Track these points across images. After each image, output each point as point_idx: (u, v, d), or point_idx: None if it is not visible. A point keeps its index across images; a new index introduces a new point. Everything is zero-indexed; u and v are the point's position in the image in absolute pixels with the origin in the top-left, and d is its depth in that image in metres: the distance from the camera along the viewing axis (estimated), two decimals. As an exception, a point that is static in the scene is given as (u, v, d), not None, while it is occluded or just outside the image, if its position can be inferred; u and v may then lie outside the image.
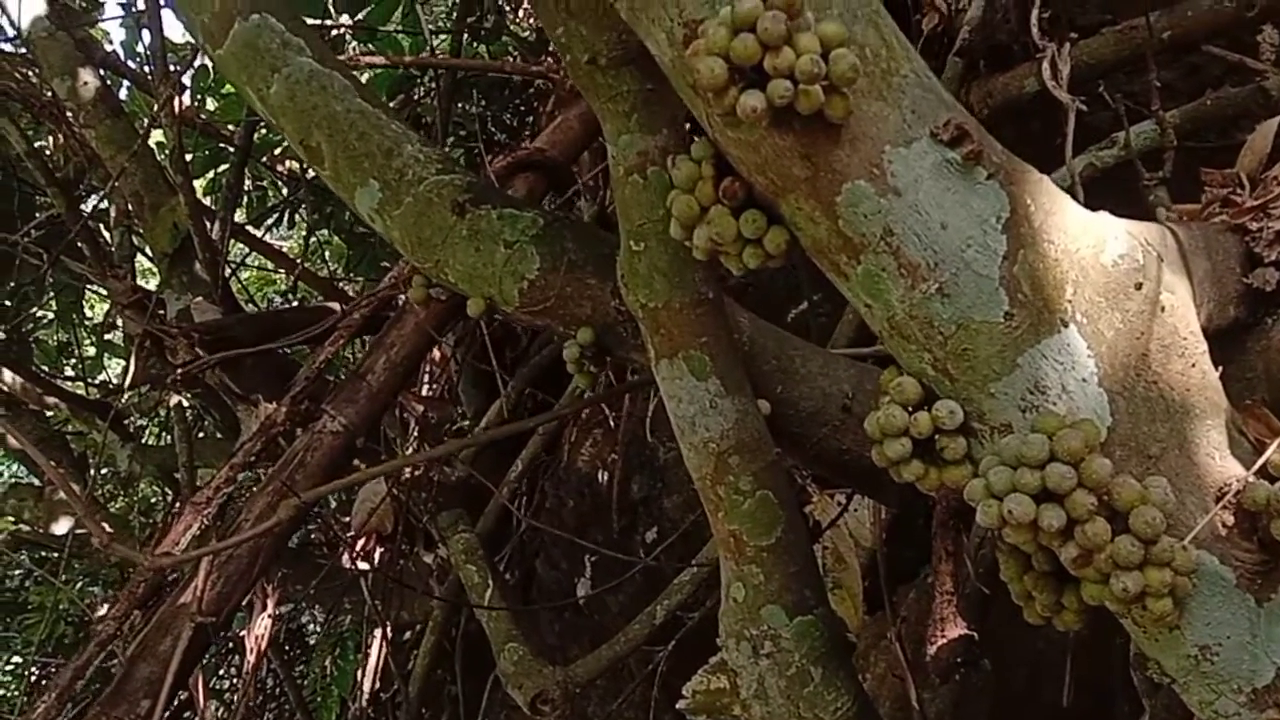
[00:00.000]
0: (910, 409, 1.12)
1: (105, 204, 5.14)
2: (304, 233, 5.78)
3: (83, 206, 5.30)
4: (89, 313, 6.35)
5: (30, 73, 4.63)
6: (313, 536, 4.01)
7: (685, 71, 1.09)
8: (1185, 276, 1.23)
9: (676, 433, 1.46)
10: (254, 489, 2.39)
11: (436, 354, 3.73)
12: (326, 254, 6.25)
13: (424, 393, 3.49)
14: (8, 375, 4.02)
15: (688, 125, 1.36)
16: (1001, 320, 1.09)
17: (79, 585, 4.94)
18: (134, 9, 5.65)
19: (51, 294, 5.49)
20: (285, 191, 5.66)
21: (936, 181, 1.09)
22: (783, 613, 1.41)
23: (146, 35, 5.64)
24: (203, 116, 5.29)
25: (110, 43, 6.17)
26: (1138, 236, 1.20)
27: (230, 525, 2.17)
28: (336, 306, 3.68)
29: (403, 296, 2.67)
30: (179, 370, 3.26)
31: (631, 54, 1.34)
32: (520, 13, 5.86)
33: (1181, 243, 1.28)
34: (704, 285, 1.42)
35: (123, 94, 5.77)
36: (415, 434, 3.19)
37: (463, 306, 1.58)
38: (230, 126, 5.05)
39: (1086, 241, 1.15)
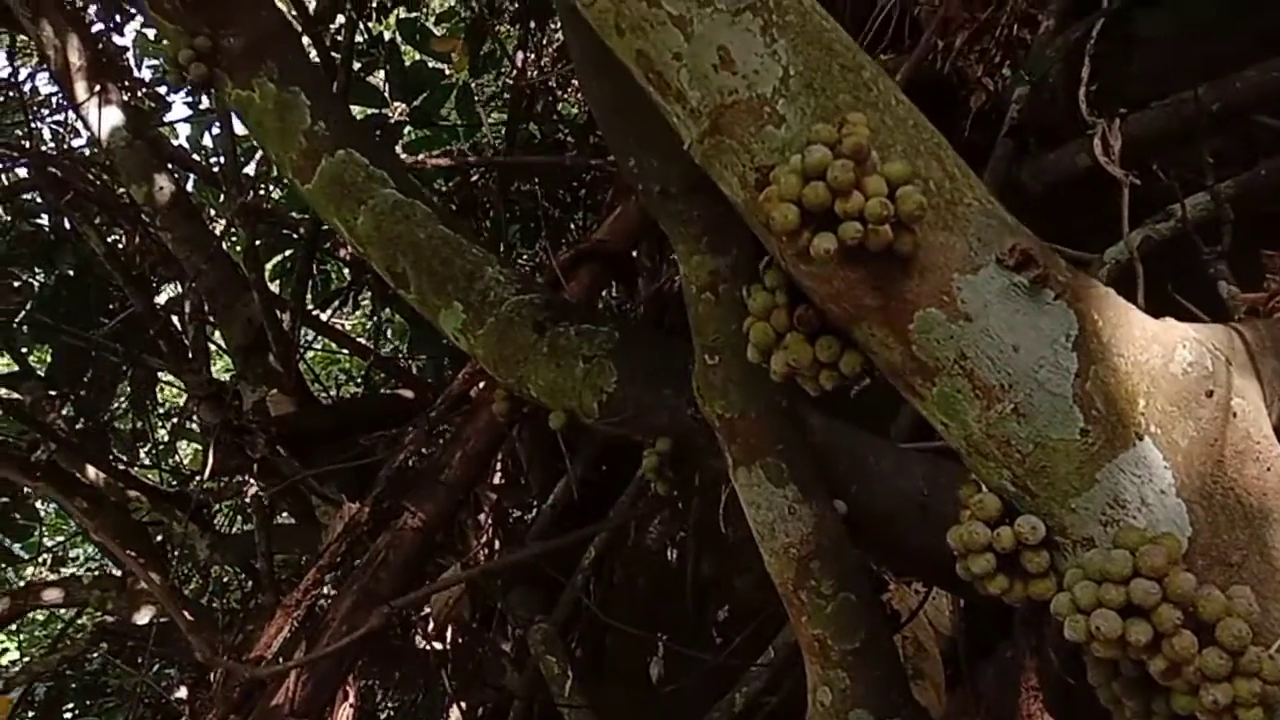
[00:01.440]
0: (992, 524, 1.15)
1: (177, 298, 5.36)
2: (368, 313, 5.95)
3: (157, 299, 5.53)
4: (160, 396, 6.56)
5: (105, 176, 4.89)
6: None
7: (758, 211, 1.16)
8: (1255, 378, 1.26)
9: (756, 538, 1.50)
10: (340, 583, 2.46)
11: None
12: (389, 332, 6.41)
13: (495, 477, 3.56)
14: (91, 471, 4.16)
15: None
16: (1078, 437, 1.12)
17: (155, 667, 5.06)
18: (200, 107, 5.93)
19: (126, 383, 5.69)
20: (348, 274, 5.83)
21: (1005, 305, 1.14)
22: (870, 717, 1.43)
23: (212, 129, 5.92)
24: (268, 205, 5.48)
25: (176, 137, 6.46)
26: (1205, 342, 1.23)
27: (319, 624, 2.24)
28: (409, 394, 3.80)
29: (470, 384, 2.76)
30: (257, 463, 3.38)
31: (700, 183, 1.41)
32: (570, 92, 6.03)
33: (1249, 343, 1.31)
34: (778, 395, 1.47)
35: (189, 185, 6.03)
36: (489, 521, 3.25)
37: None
38: (294, 214, 5.24)
39: (1155, 352, 1.19)
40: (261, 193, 4.08)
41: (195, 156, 6.12)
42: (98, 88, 3.75)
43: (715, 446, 1.54)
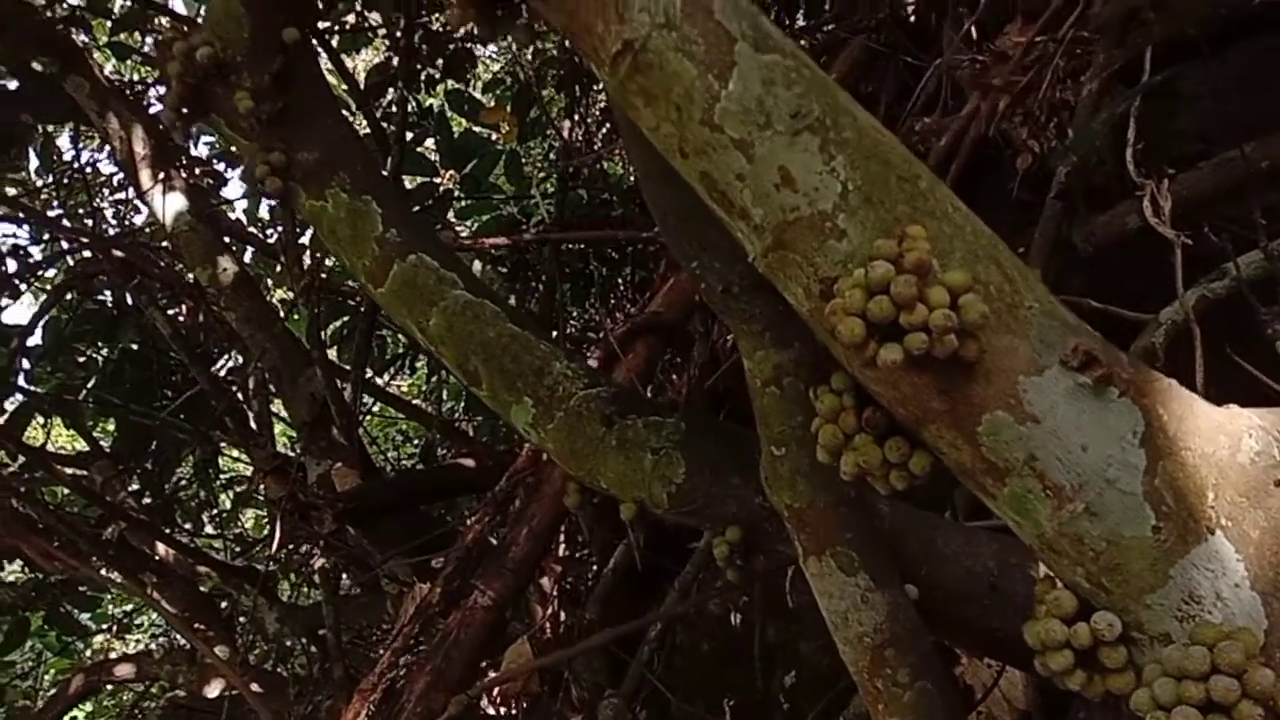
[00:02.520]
0: (1068, 621, 1.17)
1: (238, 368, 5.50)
2: (425, 375, 6.05)
3: (216, 369, 5.68)
4: (221, 464, 6.70)
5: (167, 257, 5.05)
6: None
7: (824, 321, 1.20)
8: (1323, 464, 1.27)
9: (830, 627, 1.52)
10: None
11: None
12: (445, 393, 6.51)
13: (559, 548, 3.61)
14: (161, 548, 4.26)
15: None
16: (1150, 534, 1.14)
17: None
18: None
19: (190, 455, 5.83)
20: (405, 339, 5.94)
21: (1071, 405, 1.16)
22: (949, 800, 1.44)
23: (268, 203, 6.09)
24: (323, 275, 5.63)
25: (233, 210, 6.65)
26: (1271, 429, 1.25)
27: (394, 706, 2.28)
28: (469, 463, 3.86)
29: (532, 461, 2.82)
30: (324, 537, 3.45)
31: (762, 281, 1.45)
32: (616, 153, 6.14)
33: (1315, 426, 1.32)
34: (846, 485, 1.50)
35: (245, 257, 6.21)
36: (554, 592, 3.29)
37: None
38: (350, 282, 5.36)
39: (1221, 442, 1.20)
40: (317, 260, 4.17)
41: (251, 229, 6.32)
42: (161, 175, 3.91)
43: (785, 534, 1.57)
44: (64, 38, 3.86)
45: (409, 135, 5.35)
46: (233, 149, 1.89)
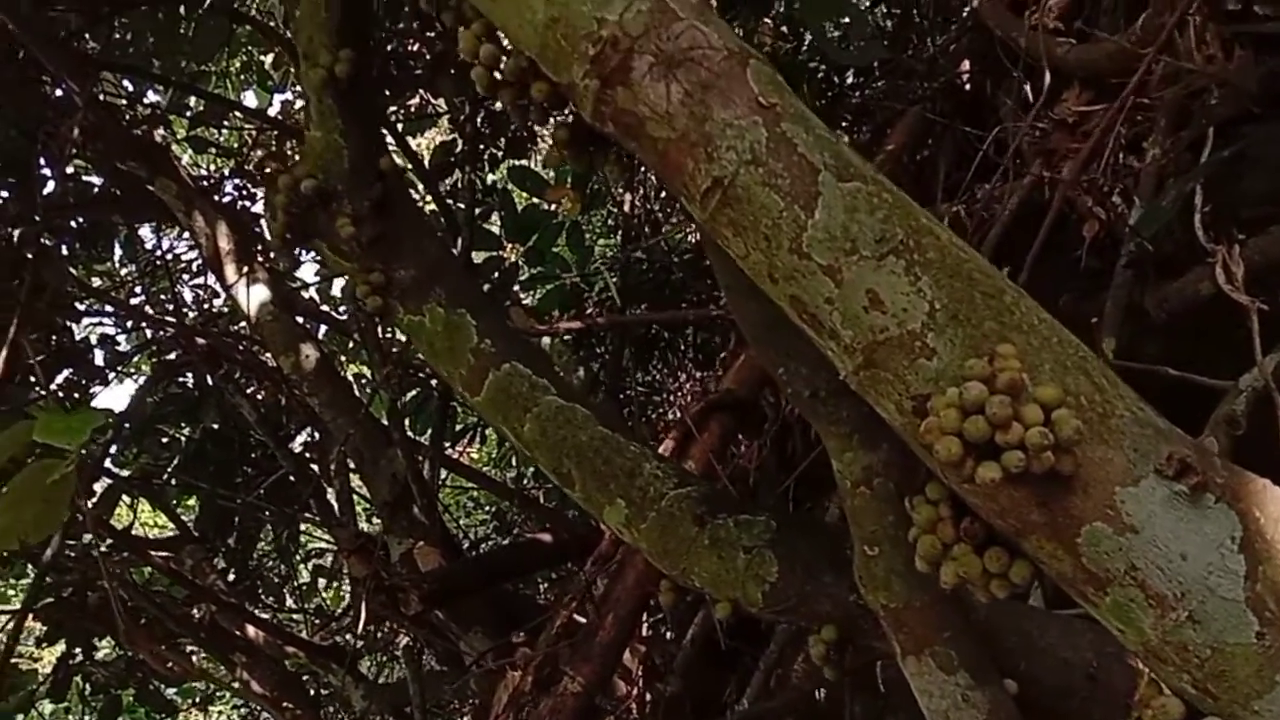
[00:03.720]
0: (1176, 728, 1.19)
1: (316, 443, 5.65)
2: (494, 445, 6.16)
3: (294, 442, 5.84)
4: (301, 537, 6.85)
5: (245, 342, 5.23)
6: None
7: (918, 436, 1.24)
8: None
9: (931, 725, 1.54)
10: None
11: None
12: (514, 460, 6.60)
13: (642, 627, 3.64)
14: (250, 629, 4.37)
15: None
16: (1254, 641, 1.16)
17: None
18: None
19: (270, 530, 5.97)
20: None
21: (1169, 514, 1.19)
22: None
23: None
24: (395, 350, 5.77)
25: (307, 289, 6.85)
26: (1370, 525, 1.26)
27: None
28: (547, 538, 3.93)
29: (617, 543, 2.87)
30: (410, 617, 3.52)
31: (848, 386, 1.50)
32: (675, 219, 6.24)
33: None
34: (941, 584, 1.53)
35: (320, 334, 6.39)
36: (638, 672, 3.32)
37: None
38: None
39: (1321, 543, 1.22)
40: (399, 349, 4.30)
41: (325, 307, 6.51)
42: (245, 268, 4.07)
43: (880, 630, 1.60)
44: (152, 142, 4.05)
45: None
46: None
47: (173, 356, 5.62)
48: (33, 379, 5.13)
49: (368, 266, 1.84)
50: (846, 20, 3.60)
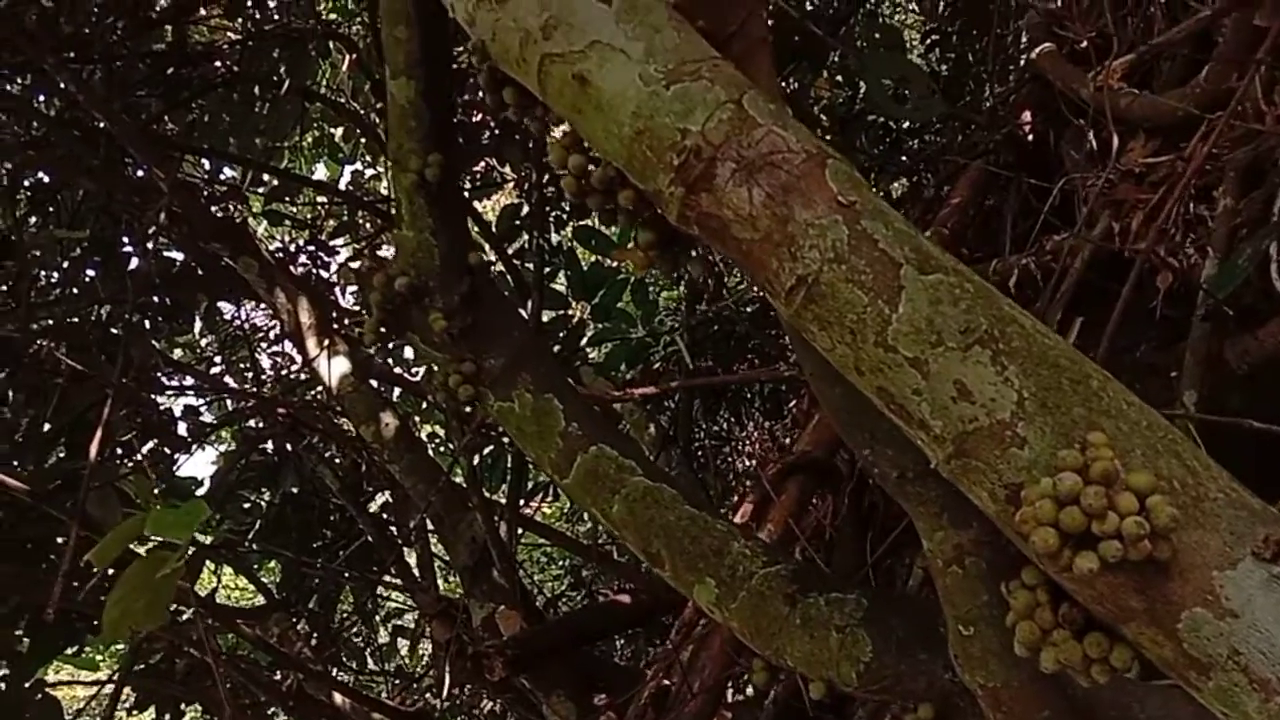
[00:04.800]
0: (1288, 814, 1.18)
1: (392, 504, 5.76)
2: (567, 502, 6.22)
3: (371, 506, 5.95)
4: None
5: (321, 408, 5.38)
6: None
7: (1013, 525, 1.26)
8: None
9: (1032, 803, 1.54)
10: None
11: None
12: (586, 515, 6.64)
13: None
14: (338, 698, 4.45)
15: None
16: (1363, 725, 1.15)
17: None
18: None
19: (349, 592, 6.08)
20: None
21: (1268, 596, 1.19)
22: None
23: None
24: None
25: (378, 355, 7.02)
26: None
27: None
28: (625, 599, 3.95)
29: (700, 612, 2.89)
30: (494, 683, 3.56)
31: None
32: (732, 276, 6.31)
33: None
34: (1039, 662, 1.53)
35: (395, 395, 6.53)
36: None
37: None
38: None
39: None
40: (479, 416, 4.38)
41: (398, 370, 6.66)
42: (325, 341, 4.20)
43: (977, 709, 1.61)
44: (233, 222, 4.22)
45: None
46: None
47: (253, 423, 5.79)
48: (119, 450, 5.32)
49: (459, 357, 1.91)
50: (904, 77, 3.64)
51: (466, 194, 6.08)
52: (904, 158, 5.94)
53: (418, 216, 1.84)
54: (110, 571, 3.07)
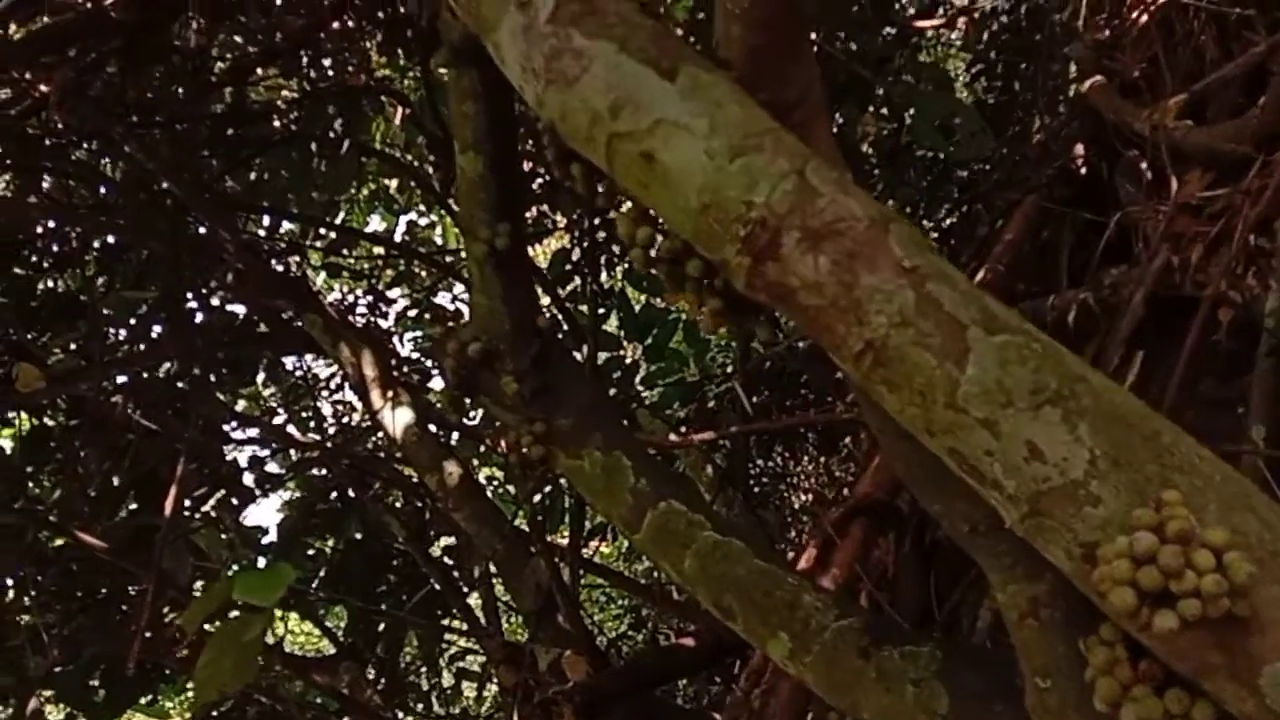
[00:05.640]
0: None
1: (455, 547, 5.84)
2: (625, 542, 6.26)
3: (434, 550, 6.03)
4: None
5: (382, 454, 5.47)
6: None
7: (1089, 582, 1.27)
8: None
9: None
10: None
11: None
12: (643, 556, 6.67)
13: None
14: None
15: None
16: None
17: None
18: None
19: (414, 637, 6.15)
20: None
21: (1352, 651, 1.19)
22: None
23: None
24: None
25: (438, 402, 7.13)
26: None
27: None
28: (689, 642, 3.97)
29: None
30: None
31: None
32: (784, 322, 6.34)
33: None
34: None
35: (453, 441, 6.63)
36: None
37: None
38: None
39: None
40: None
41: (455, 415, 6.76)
42: (389, 393, 4.29)
43: (1057, 761, 1.60)
44: (298, 281, 4.34)
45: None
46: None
47: (316, 472, 5.91)
48: (187, 501, 5.46)
49: (530, 418, 1.97)
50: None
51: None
52: (954, 187, 5.95)
53: (488, 283, 1.90)
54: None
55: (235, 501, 5.76)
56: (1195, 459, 1.30)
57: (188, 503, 5.36)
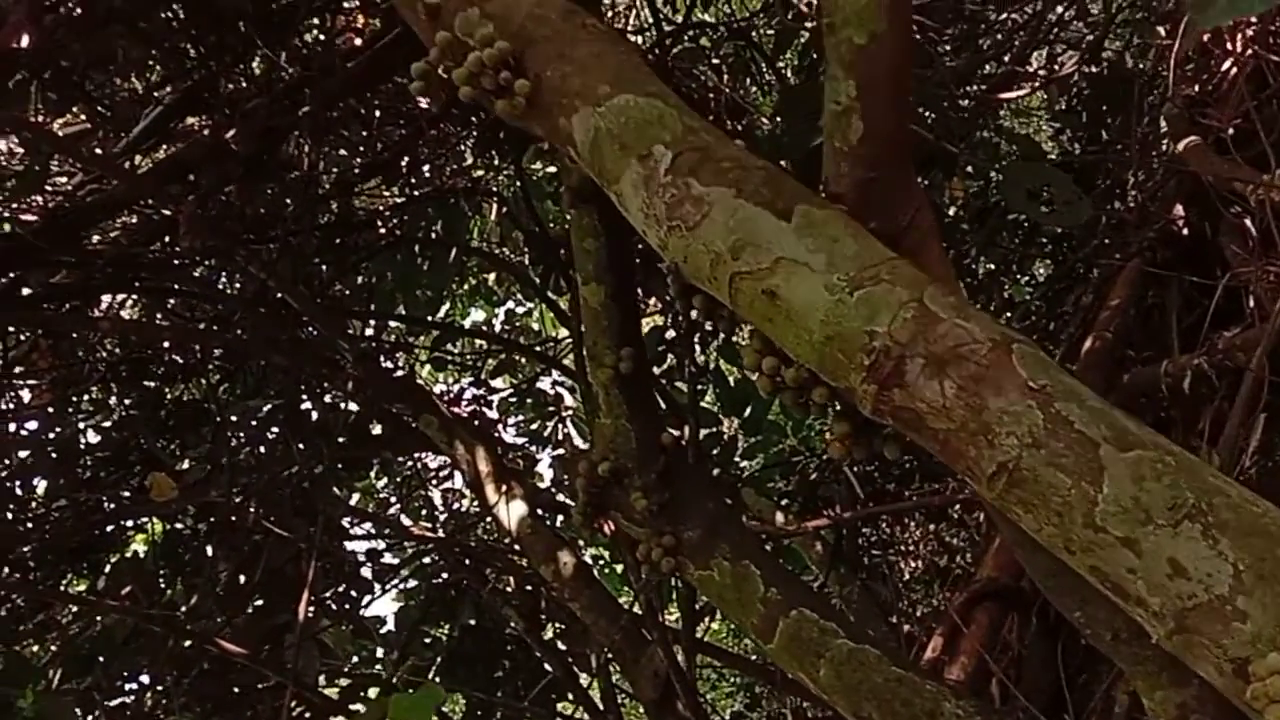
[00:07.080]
0: None
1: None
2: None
3: (546, 633, 6.10)
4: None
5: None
6: None
7: (1243, 699, 1.27)
8: None
9: None
10: None
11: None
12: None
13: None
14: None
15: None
16: None
17: None
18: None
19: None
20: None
21: None
22: None
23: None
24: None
25: (541, 480, 7.26)
26: None
27: None
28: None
29: None
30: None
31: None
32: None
33: None
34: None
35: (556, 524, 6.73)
36: None
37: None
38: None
39: None
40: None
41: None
42: (504, 487, 4.40)
43: None
44: (413, 384, 4.50)
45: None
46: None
47: (429, 561, 6.05)
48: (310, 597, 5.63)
49: (659, 530, 2.03)
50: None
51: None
52: (1046, 242, 5.91)
53: (613, 405, 1.99)
54: None
55: (354, 594, 5.92)
56: (1341, 562, 1.30)
57: (310, 597, 5.54)
